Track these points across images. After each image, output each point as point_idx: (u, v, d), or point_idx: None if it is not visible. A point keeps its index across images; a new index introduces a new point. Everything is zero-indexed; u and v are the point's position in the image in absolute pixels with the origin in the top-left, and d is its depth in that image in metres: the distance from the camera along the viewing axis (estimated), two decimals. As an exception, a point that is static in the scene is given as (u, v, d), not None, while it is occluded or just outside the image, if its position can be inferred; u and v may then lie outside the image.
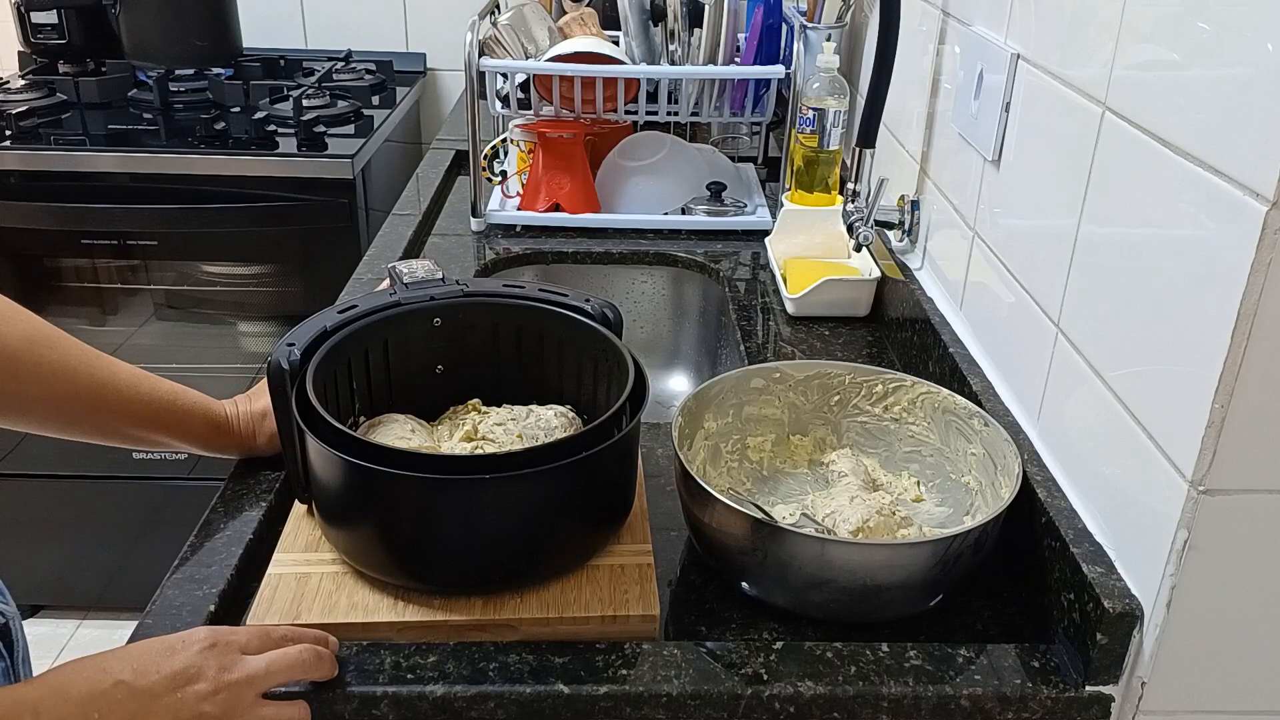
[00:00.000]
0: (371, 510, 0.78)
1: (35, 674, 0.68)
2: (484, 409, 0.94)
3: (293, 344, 0.83)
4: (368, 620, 0.77)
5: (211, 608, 0.78)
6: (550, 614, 0.77)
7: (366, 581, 0.80)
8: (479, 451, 0.86)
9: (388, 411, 0.92)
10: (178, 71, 2.22)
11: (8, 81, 2.17)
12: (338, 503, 0.81)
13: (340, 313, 0.89)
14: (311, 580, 0.80)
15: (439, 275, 0.95)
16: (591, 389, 0.93)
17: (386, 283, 1.00)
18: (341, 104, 2.13)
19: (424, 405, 0.94)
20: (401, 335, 0.93)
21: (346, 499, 0.80)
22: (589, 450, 0.77)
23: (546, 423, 0.90)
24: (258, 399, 0.93)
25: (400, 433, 0.87)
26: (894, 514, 0.86)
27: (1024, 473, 0.83)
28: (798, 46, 1.47)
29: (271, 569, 0.81)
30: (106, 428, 0.86)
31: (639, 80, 1.53)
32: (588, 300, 0.93)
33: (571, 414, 0.93)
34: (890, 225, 1.28)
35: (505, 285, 0.96)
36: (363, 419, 0.91)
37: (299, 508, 0.88)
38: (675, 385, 1.56)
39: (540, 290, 0.95)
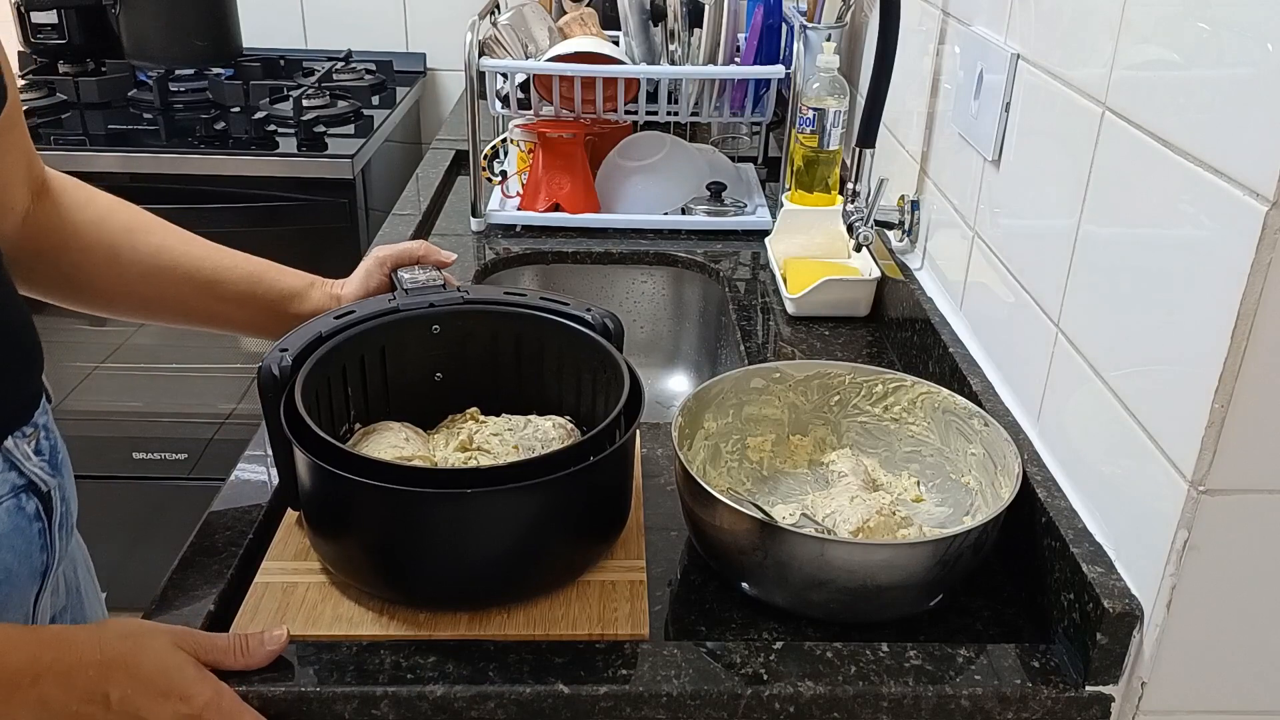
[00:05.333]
0: (350, 521, 0.78)
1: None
2: (482, 418, 0.93)
3: (285, 349, 0.83)
4: (351, 634, 0.76)
5: (211, 608, 0.79)
6: (537, 631, 0.76)
7: (353, 592, 0.80)
8: (472, 461, 0.86)
9: (386, 419, 0.91)
10: (178, 71, 2.22)
11: (8, 81, 2.17)
12: (319, 513, 0.80)
13: (337, 318, 0.89)
14: (298, 590, 0.80)
15: (440, 282, 0.95)
16: (590, 401, 0.92)
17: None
18: (341, 104, 2.13)
19: (423, 413, 0.94)
20: (399, 342, 0.92)
21: (326, 509, 0.79)
22: (576, 466, 0.75)
23: (544, 434, 0.88)
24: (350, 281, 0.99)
25: (394, 440, 0.86)
26: (894, 514, 0.86)
27: (1024, 473, 0.83)
28: (798, 46, 1.47)
29: (258, 578, 0.81)
30: (206, 309, 0.94)
31: (639, 80, 1.53)
32: (588, 310, 0.92)
33: (571, 426, 0.91)
34: (890, 225, 1.28)
35: (506, 293, 0.95)
36: (358, 426, 0.91)
37: (291, 515, 0.88)
38: (675, 385, 1.56)
39: (541, 299, 0.94)
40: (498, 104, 1.58)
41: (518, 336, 0.94)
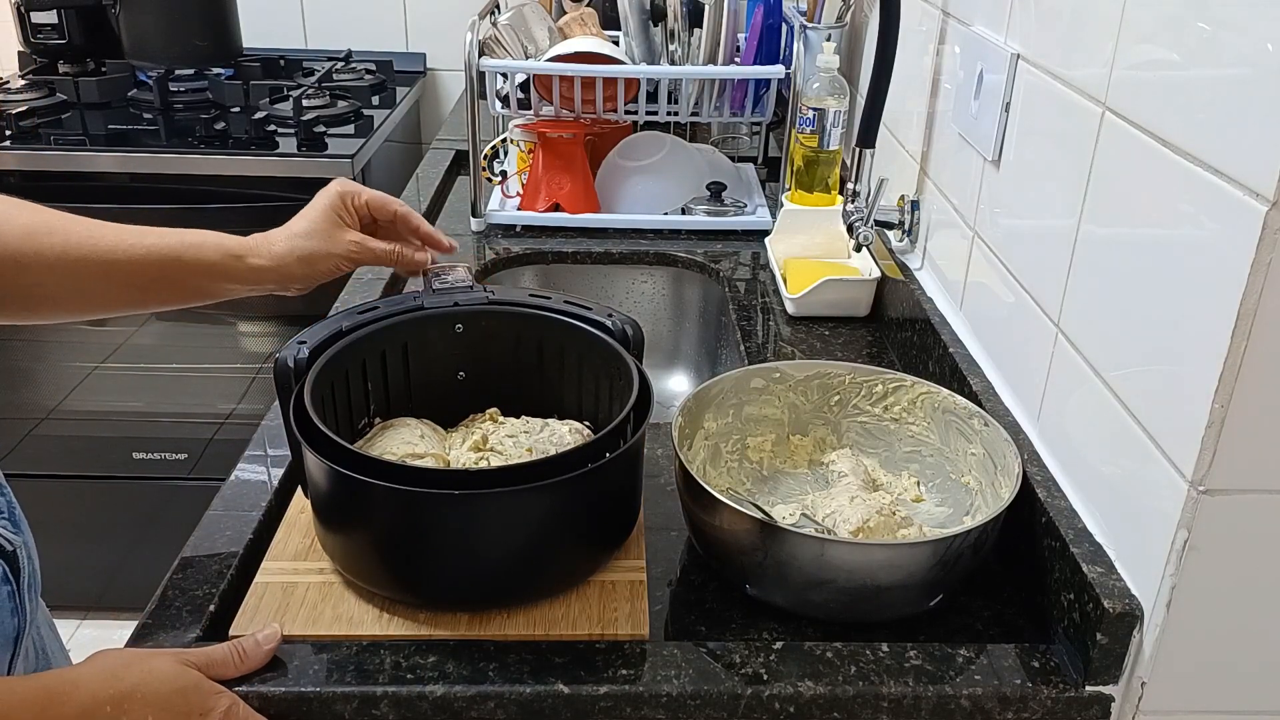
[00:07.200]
0: (350, 517, 0.78)
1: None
2: (500, 419, 0.93)
3: (304, 341, 0.83)
4: (351, 634, 0.76)
5: (212, 608, 0.79)
6: (536, 632, 0.77)
7: (354, 592, 0.80)
8: (483, 462, 0.86)
9: (408, 415, 0.91)
10: (178, 71, 2.21)
11: (8, 81, 2.17)
12: (323, 506, 0.81)
13: (360, 313, 0.89)
14: (298, 590, 0.80)
15: (468, 283, 0.94)
16: (609, 407, 0.92)
17: None
18: (341, 104, 2.13)
19: (446, 411, 0.94)
20: (422, 339, 0.92)
21: (330, 504, 0.79)
22: (575, 471, 0.75)
23: (560, 438, 0.88)
24: (293, 224, 0.91)
25: (408, 437, 0.86)
26: (894, 514, 0.86)
27: (1024, 473, 0.83)
28: (798, 46, 1.47)
29: (258, 578, 0.81)
30: (129, 297, 0.88)
31: (639, 80, 1.53)
32: (609, 315, 0.91)
33: (589, 432, 0.91)
34: (890, 225, 1.28)
35: (531, 295, 0.95)
36: (378, 420, 0.91)
37: (291, 513, 0.88)
38: (675, 385, 1.56)
39: (565, 302, 0.93)
40: (498, 104, 1.58)
41: (540, 339, 0.94)
